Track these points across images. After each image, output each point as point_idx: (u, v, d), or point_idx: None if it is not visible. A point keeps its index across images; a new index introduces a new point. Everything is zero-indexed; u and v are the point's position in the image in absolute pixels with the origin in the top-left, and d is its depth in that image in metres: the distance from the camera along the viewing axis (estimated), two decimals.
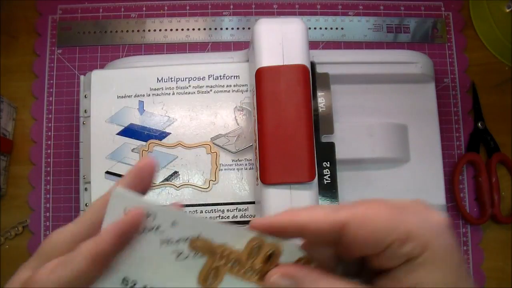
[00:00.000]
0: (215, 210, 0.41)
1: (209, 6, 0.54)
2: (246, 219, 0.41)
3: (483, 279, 0.49)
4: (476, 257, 0.50)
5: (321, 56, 0.45)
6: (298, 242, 0.22)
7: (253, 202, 0.41)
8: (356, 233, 0.19)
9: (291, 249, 0.22)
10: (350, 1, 0.54)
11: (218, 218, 0.41)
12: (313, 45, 0.51)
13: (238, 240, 0.21)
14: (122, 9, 0.53)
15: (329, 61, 0.45)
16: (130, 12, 0.53)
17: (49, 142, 0.50)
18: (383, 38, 0.53)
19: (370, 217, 0.19)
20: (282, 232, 0.21)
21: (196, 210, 0.41)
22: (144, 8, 0.53)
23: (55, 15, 0.53)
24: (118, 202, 0.21)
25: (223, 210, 0.41)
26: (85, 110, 0.44)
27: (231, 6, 0.54)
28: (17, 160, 0.50)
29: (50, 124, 0.51)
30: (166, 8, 0.54)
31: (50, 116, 0.51)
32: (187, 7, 0.54)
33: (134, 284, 0.22)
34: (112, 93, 0.43)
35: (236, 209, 0.41)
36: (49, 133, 0.50)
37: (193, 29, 0.53)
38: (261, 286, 0.22)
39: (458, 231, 0.50)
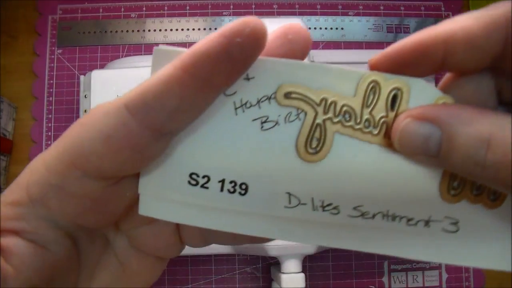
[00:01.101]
0: None
1: (209, 6, 0.54)
2: None
3: (483, 279, 0.49)
4: None
5: (321, 56, 0.45)
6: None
7: None
8: None
9: (424, 89, 0.14)
10: (350, 1, 0.54)
11: None
12: (313, 45, 0.51)
13: (343, 84, 0.15)
14: (122, 9, 0.53)
15: (329, 61, 0.45)
16: (130, 12, 0.53)
17: (49, 142, 0.50)
18: (383, 38, 0.53)
19: None
20: (415, 58, 0.14)
21: None
22: (144, 8, 0.53)
23: (55, 15, 0.53)
24: (162, 62, 0.14)
25: None
26: (85, 110, 0.44)
27: (231, 6, 0.54)
28: (17, 160, 0.50)
29: (50, 124, 0.51)
30: (166, 8, 0.54)
31: (50, 116, 0.51)
32: (187, 7, 0.54)
33: (207, 180, 0.15)
34: (112, 93, 0.43)
35: None
36: (49, 133, 0.50)
37: (193, 29, 0.53)
38: (386, 147, 0.15)
39: None
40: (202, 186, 0.15)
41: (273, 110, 0.15)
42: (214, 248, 0.42)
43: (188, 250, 0.41)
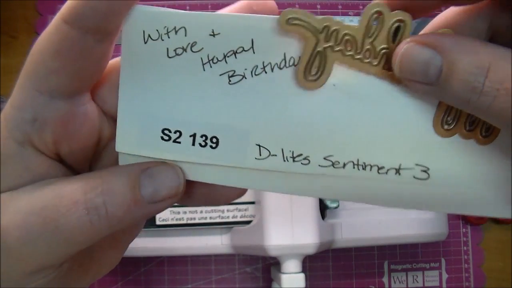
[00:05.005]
0: (214, 210, 0.41)
1: (209, 6, 0.54)
2: (246, 219, 0.41)
3: (483, 279, 0.49)
4: (476, 257, 0.50)
5: None
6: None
7: (253, 202, 0.41)
8: None
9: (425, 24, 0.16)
10: (350, 1, 0.54)
11: (218, 218, 0.41)
12: None
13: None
14: None
15: None
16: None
17: None
18: None
19: None
20: None
21: (196, 211, 0.41)
22: None
23: (55, 15, 0.53)
24: (134, 23, 0.15)
25: (223, 210, 0.41)
26: None
27: None
28: None
29: None
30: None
31: None
32: (187, 7, 0.54)
33: (179, 135, 0.16)
34: None
35: (236, 209, 0.41)
36: None
37: None
38: (385, 77, 0.15)
39: (458, 231, 0.50)
40: (175, 141, 0.16)
41: (239, 65, 0.15)
42: (214, 248, 0.42)
43: (188, 250, 0.41)
